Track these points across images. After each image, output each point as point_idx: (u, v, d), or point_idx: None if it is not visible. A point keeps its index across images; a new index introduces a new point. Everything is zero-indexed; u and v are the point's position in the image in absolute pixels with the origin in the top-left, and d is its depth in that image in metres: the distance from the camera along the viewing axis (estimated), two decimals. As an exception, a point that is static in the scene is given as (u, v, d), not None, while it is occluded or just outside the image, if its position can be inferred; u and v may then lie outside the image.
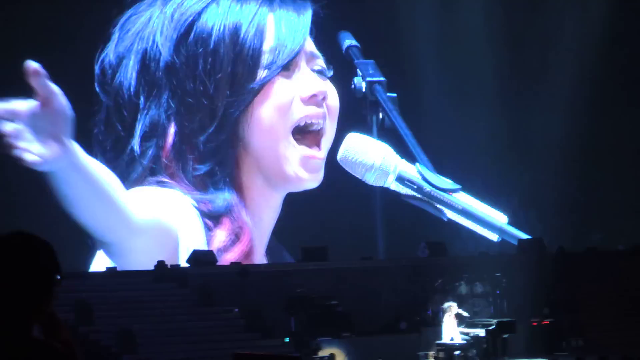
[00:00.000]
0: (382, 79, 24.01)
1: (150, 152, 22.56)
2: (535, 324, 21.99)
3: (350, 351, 20.40)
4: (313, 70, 23.34)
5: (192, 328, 20.04)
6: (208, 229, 22.44)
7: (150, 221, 21.51)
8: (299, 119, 22.88)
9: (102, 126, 22.52)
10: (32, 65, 19.76)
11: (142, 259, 21.28)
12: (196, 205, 22.42)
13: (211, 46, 22.67)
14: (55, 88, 20.20)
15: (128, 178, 22.40)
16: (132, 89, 22.58)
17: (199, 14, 22.81)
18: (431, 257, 23.03)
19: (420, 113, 24.11)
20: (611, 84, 25.29)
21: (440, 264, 22.86)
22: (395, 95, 24.03)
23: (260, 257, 22.82)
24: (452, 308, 20.87)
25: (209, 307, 20.69)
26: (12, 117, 19.74)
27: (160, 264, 21.15)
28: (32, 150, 19.92)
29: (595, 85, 24.76)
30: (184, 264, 21.61)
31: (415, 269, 22.70)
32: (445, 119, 24.24)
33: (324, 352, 19.69)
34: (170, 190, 22.46)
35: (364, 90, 23.96)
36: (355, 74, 24.04)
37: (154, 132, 22.61)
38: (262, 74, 22.78)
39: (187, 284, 20.93)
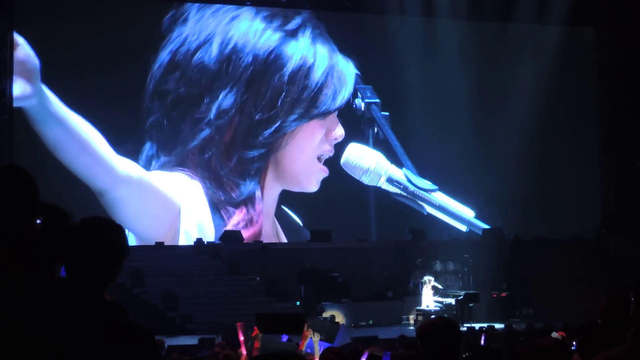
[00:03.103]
0: (377, 100, 24.05)
1: (217, 125, 22.34)
2: (495, 295, 22.04)
3: (347, 313, 20.46)
4: (337, 117, 23.55)
5: (223, 292, 20.15)
6: (227, 212, 22.31)
7: (136, 176, 21.26)
8: (320, 152, 23.05)
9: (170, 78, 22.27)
10: None
11: (141, 221, 21.04)
12: (222, 196, 22.26)
13: (284, 70, 22.87)
14: (19, 39, 20.38)
15: (197, 139, 22.26)
16: (209, 70, 22.37)
17: (282, 42, 23.01)
18: (413, 240, 23.05)
19: (407, 128, 23.94)
20: (555, 111, 25.19)
21: (420, 246, 22.85)
22: (387, 114, 24.09)
23: (268, 236, 22.72)
24: (429, 281, 20.88)
25: (237, 276, 20.79)
26: None
27: (199, 241, 21.21)
28: None
29: (544, 112, 24.66)
30: (183, 231, 21.44)
31: (401, 250, 22.77)
32: (427, 133, 23.92)
33: (327, 314, 19.70)
34: (180, 174, 22.07)
35: (362, 109, 24.00)
36: (356, 96, 24.10)
37: (224, 116, 22.46)
38: (314, 110, 23.02)
39: (219, 256, 20.99)
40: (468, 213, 23.89)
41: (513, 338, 12.80)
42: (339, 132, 23.25)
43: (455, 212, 23.70)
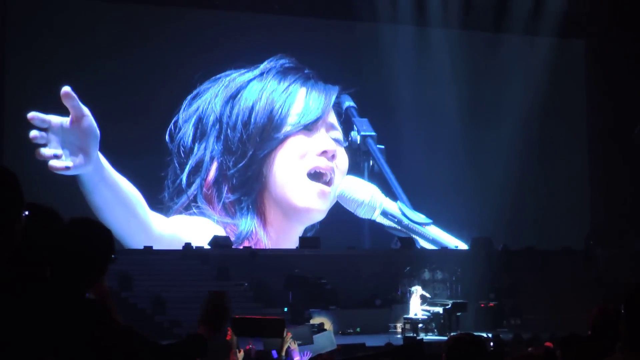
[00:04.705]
0: (373, 133, 24.01)
1: (195, 183, 22.51)
2: (482, 305, 22.03)
3: (335, 320, 20.45)
4: (330, 137, 23.48)
5: (211, 297, 20.11)
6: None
7: (167, 234, 21.55)
8: (311, 168, 22.94)
9: (169, 170, 22.51)
10: (65, 89, 19.74)
11: None
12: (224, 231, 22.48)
13: (250, 104, 22.91)
14: (85, 110, 20.14)
15: (178, 203, 22.46)
16: (190, 138, 22.64)
17: (246, 84, 23.11)
18: (402, 249, 22.99)
19: (401, 161, 23.90)
20: (545, 123, 25.08)
21: (409, 255, 22.80)
22: (383, 146, 24.05)
23: None
24: (417, 290, 20.90)
25: (225, 281, 20.68)
26: (45, 126, 19.66)
27: (187, 245, 21.21)
28: (59, 158, 19.93)
29: (534, 125, 24.53)
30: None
31: (389, 258, 22.70)
32: (421, 167, 23.74)
33: (315, 321, 19.67)
34: (202, 218, 22.43)
35: (358, 142, 23.99)
36: (352, 129, 24.06)
37: (200, 169, 22.61)
38: (287, 128, 22.97)
39: (208, 261, 20.98)
40: (462, 247, 23.92)
41: (500, 348, 12.78)
42: (326, 144, 23.15)
43: (449, 246, 23.75)
